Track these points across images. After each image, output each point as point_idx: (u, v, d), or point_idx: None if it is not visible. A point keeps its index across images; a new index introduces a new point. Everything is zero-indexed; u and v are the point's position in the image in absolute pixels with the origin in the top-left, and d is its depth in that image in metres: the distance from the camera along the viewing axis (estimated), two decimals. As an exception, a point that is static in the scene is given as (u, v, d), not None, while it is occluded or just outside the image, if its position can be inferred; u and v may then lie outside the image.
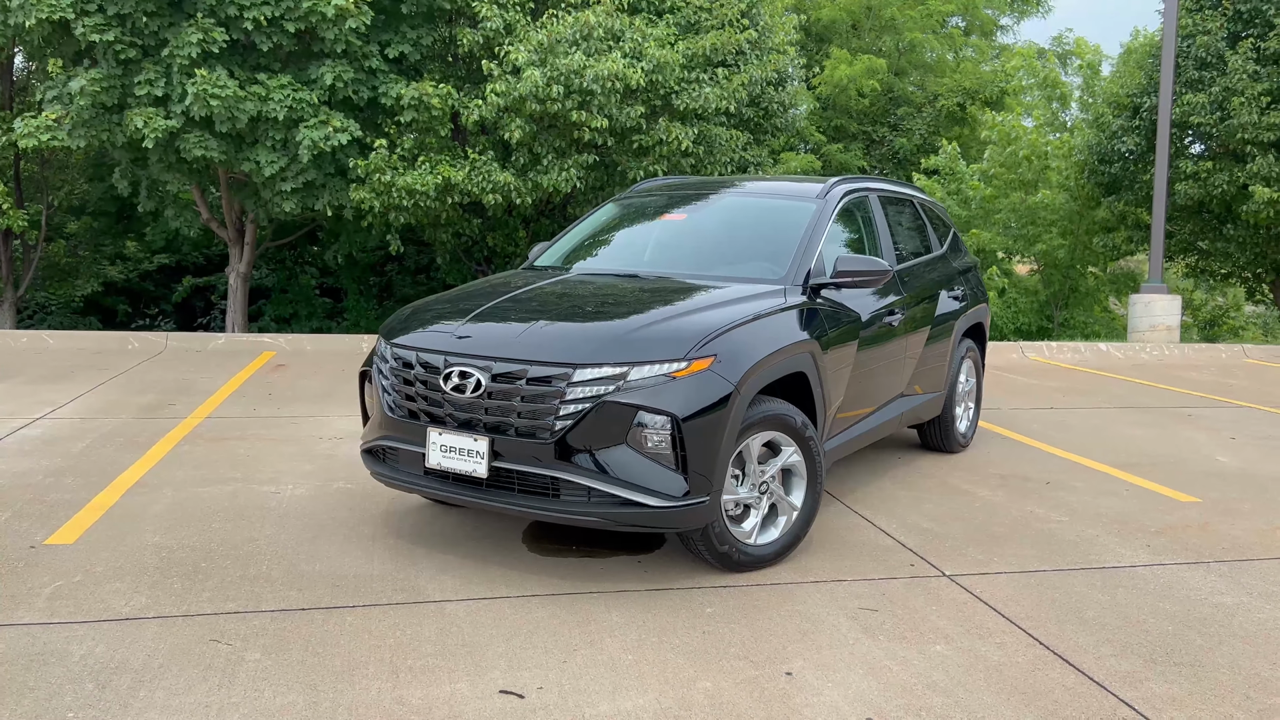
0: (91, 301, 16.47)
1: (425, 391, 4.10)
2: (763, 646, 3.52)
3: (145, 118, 9.98)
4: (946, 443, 6.47)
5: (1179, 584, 4.25)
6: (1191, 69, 14.67)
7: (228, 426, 6.93)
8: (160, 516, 4.85)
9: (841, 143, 23.56)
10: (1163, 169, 14.17)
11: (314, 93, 10.52)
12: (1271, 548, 4.79)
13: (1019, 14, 35.04)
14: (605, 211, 5.89)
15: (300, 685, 3.15)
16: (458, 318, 4.31)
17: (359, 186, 10.89)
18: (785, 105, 12.82)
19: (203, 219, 13.10)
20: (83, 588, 3.92)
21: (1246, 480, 6.15)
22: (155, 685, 3.12)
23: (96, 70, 10.08)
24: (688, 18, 11.66)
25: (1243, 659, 3.51)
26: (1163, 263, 14.70)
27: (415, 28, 10.99)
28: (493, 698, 3.10)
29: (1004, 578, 4.28)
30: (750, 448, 4.17)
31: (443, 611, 3.77)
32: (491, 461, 3.91)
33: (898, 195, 6.18)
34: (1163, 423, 8.02)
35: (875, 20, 24.63)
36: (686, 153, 11.18)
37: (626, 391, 3.81)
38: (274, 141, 10.69)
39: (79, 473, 5.61)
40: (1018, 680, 3.30)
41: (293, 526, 4.77)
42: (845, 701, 3.13)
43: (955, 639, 3.63)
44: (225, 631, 3.54)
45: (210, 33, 9.75)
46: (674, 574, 4.21)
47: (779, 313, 4.40)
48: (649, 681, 3.23)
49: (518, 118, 10.52)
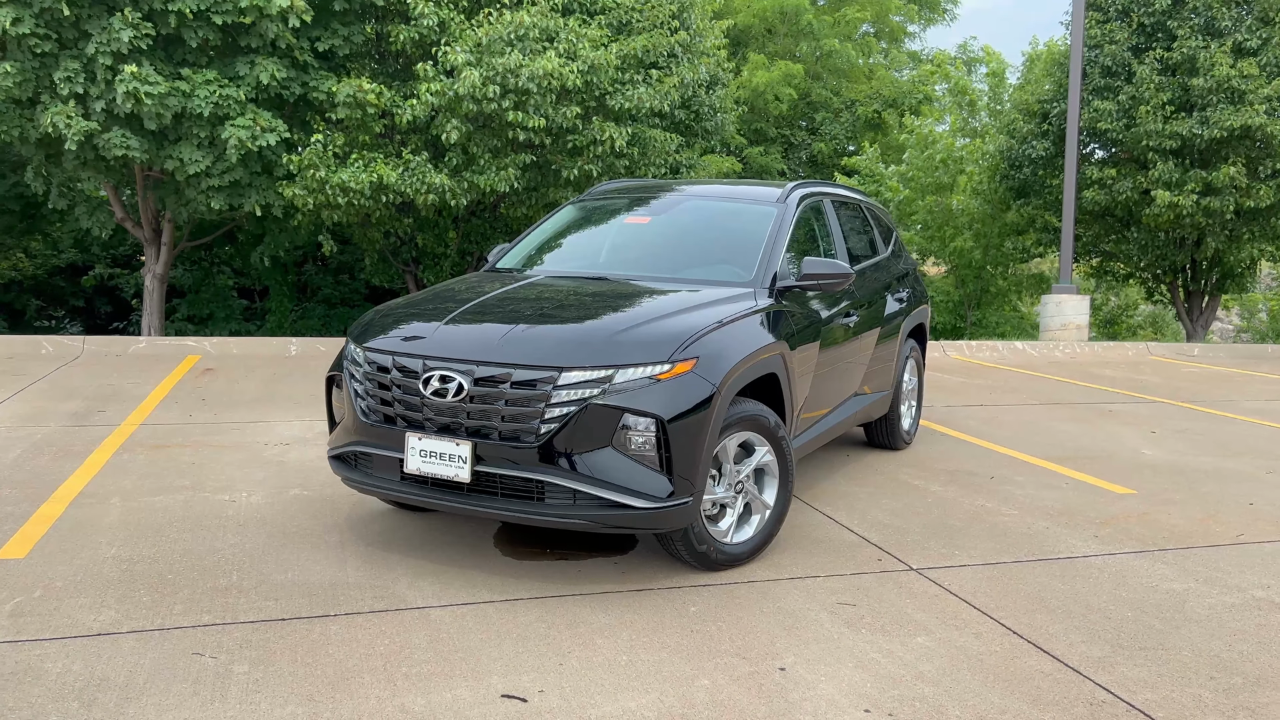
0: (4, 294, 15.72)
1: (403, 396, 4.06)
2: (752, 643, 3.59)
3: (65, 115, 9.56)
4: (892, 440, 6.65)
5: (1131, 572, 4.47)
6: (1099, 77, 15.32)
7: (166, 433, 6.71)
8: (114, 527, 4.68)
9: (761, 145, 23.90)
10: (1072, 174, 14.77)
11: (241, 89, 10.24)
12: (1208, 536, 5.06)
13: (925, 21, 36.10)
14: (565, 214, 5.89)
15: (296, 697, 3.09)
16: (434, 321, 4.27)
17: (290, 183, 10.63)
18: (715, 108, 12.97)
19: (117, 218, 12.61)
20: (45, 603, 3.77)
21: (1174, 472, 6.47)
22: (143, 701, 3.03)
23: (10, 63, 9.63)
24: (619, 18, 11.71)
25: (1201, 642, 3.71)
26: (1072, 264, 15.31)
27: (347, 24, 10.78)
28: (496, 702, 3.09)
29: (968, 570, 4.44)
30: (726, 448, 4.23)
31: (428, 618, 3.74)
32: (474, 466, 3.89)
33: (848, 199, 6.34)
34: (1088, 418, 8.38)
35: (791, 26, 25.05)
36: (621, 153, 11.22)
37: (612, 394, 3.83)
38: (199, 139, 10.36)
39: (15, 484, 5.37)
40: (999, 668, 3.44)
41: (255, 535, 4.65)
42: (841, 694, 3.21)
43: (934, 630, 3.75)
44: (206, 644, 3.45)
45: (139, 26, 9.40)
46: (652, 574, 4.25)
47: (751, 315, 4.47)
48: (649, 681, 3.26)
49: (453, 118, 10.41)
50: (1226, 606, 4.07)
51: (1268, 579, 4.42)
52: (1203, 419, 8.55)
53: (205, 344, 10.63)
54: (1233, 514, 5.48)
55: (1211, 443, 7.46)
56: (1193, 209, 14.18)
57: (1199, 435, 7.75)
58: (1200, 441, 7.50)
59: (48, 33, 9.53)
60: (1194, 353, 14.25)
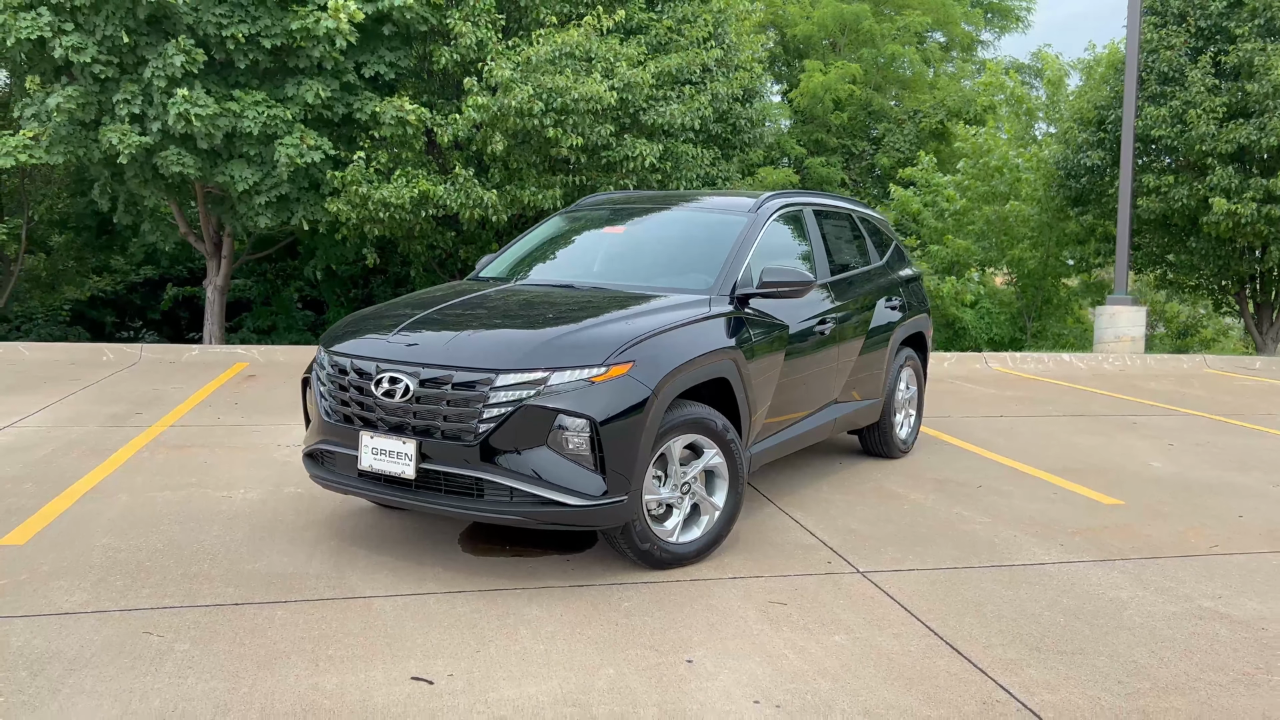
0: (78, 314, 16.65)
1: (359, 397, 4.29)
2: (670, 637, 3.70)
3: (120, 134, 10.17)
4: (886, 448, 6.66)
5: (1082, 580, 4.44)
6: (1155, 83, 14.95)
7: (191, 435, 7.10)
8: (113, 520, 5.02)
9: (821, 156, 23.84)
10: (1127, 182, 14.43)
11: (289, 109, 10.73)
12: (1181, 547, 4.99)
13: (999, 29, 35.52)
14: (552, 224, 6.09)
15: (223, 673, 3.32)
16: (391, 326, 4.50)
17: (335, 198, 11.09)
18: (754, 121, 13.07)
19: (181, 232, 13.28)
20: (27, 585, 4.09)
21: (1176, 484, 6.35)
22: (84, 673, 3.30)
23: (74, 87, 10.28)
24: (658, 37, 11.92)
25: (1124, 648, 3.70)
26: (1129, 275, 14.94)
27: (393, 49, 11.22)
28: (403, 684, 3.28)
29: (916, 574, 4.47)
30: (672, 450, 4.36)
31: (370, 607, 3.95)
32: (419, 463, 4.10)
33: (835, 209, 6.40)
34: (1108, 431, 8.23)
35: (852, 35, 24.95)
36: (653, 168, 11.40)
37: (547, 396, 4.00)
38: (249, 157, 10.89)
39: (37, 479, 5.77)
40: (906, 667, 3.49)
41: (240, 529, 4.94)
42: (736, 686, 3.31)
43: (855, 630, 3.81)
44: (159, 625, 3.71)
45: (192, 53, 9.95)
46: (599, 571, 4.39)
47: (701, 321, 4.59)
48: (555, 669, 3.41)
49: (497, 131, 10.74)
50: (1166, 615, 4.03)
51: (1221, 590, 4.35)
52: (1231, 433, 8.32)
53: (254, 352, 11.13)
54: (1217, 527, 5.38)
55: (1229, 457, 7.26)
56: (1253, 217, 13.72)
57: (1219, 449, 7.55)
58: (1217, 455, 7.31)
59: (109, 59, 10.15)
60: (1255, 366, 13.75)
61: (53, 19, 9.86)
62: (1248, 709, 3.24)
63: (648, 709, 3.15)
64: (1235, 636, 3.83)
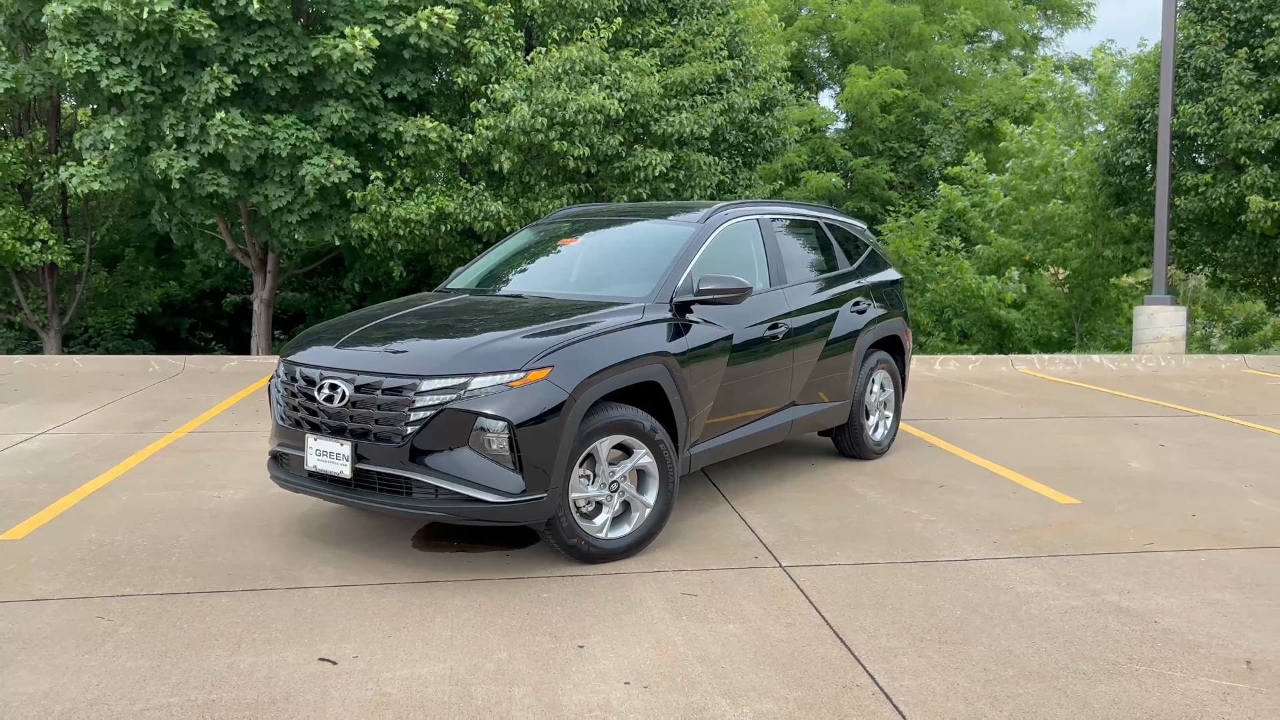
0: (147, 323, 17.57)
1: (305, 402, 4.64)
2: (573, 625, 3.95)
3: (168, 159, 10.82)
4: (859, 449, 6.79)
5: (997, 575, 4.55)
6: (1191, 80, 14.65)
7: (205, 440, 7.57)
8: (108, 517, 5.45)
9: (866, 158, 23.75)
10: (1164, 180, 14.18)
11: (317, 131, 11.27)
12: (1116, 544, 5.04)
13: (1061, 26, 34.85)
14: (521, 237, 6.40)
15: (152, 653, 3.67)
16: (337, 336, 4.85)
17: (359, 216, 11.60)
18: (774, 130, 13.21)
19: (229, 249, 13.97)
20: (12, 575, 4.51)
21: (1145, 484, 6.35)
22: (35, 651, 3.68)
23: (124, 117, 10.97)
24: (673, 49, 12.16)
25: (1006, 638, 3.82)
26: (1167, 273, 14.66)
27: (415, 70, 11.68)
28: (310, 664, 3.59)
29: (837, 569, 4.63)
30: (599, 449, 4.60)
31: (308, 596, 4.27)
32: (355, 463, 4.42)
33: (799, 218, 6.56)
34: (1104, 432, 8.19)
35: (902, 36, 24.80)
36: (666, 177, 11.65)
37: (468, 400, 4.28)
38: (280, 177, 11.46)
39: (54, 480, 6.27)
40: (784, 654, 3.68)
41: (219, 525, 5.33)
42: (616, 669, 3.54)
43: (752, 619, 4.01)
44: (112, 610, 4.09)
45: (224, 80, 10.56)
46: (533, 566, 4.65)
47: (631, 328, 4.83)
48: (453, 653, 3.69)
49: (506, 149, 11.12)
50: (1065, 609, 4.13)
51: (1134, 585, 4.42)
52: (1234, 433, 8.20)
53: (289, 363, 11.68)
54: (1165, 525, 5.40)
55: (1217, 457, 7.20)
56: (1294, 213, 13.35)
57: (1210, 449, 7.48)
58: (1206, 455, 7.25)
59: (151, 88, 10.81)
60: (1299, 365, 13.36)
61: (100, 54, 10.55)
62: (1098, 694, 3.35)
63: (523, 688, 3.40)
64: (1124, 629, 3.92)
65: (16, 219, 13.76)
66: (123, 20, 10.04)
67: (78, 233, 15.08)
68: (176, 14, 10.13)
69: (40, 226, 13.84)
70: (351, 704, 3.28)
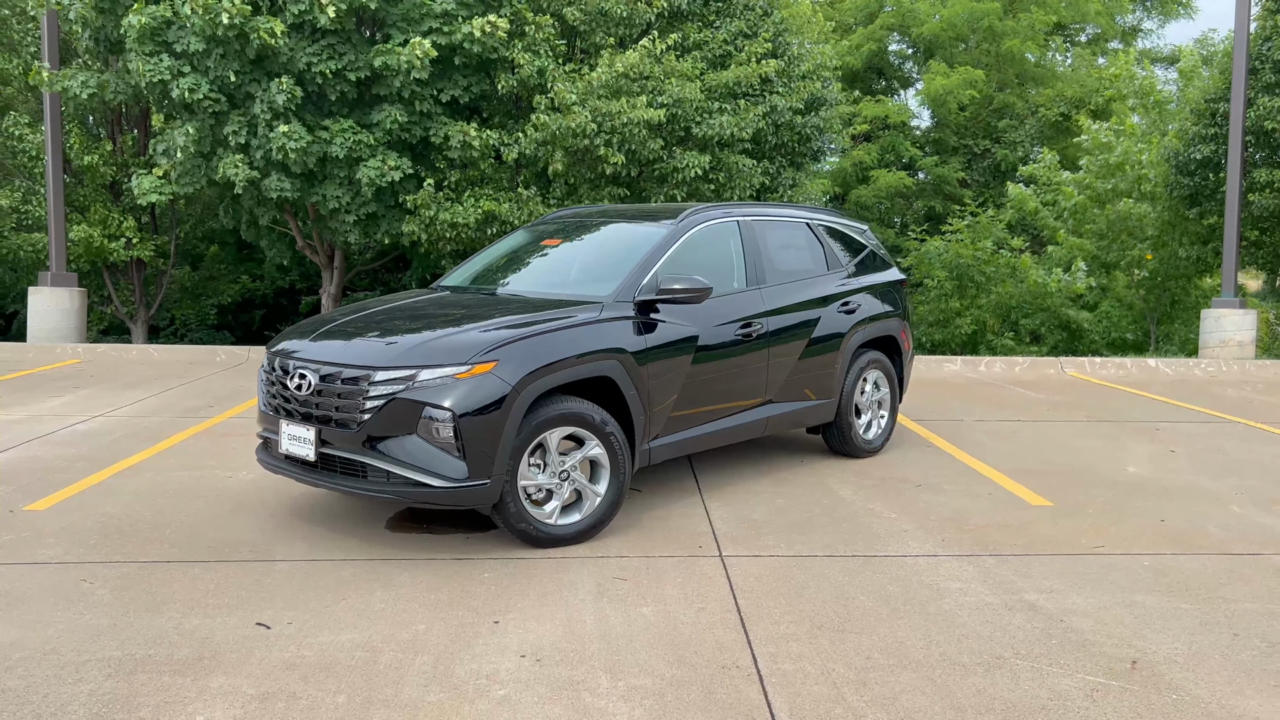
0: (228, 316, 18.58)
1: (281, 390, 5.03)
2: (498, 603, 4.22)
3: (234, 165, 11.52)
4: (847, 447, 6.88)
5: (928, 571, 4.65)
6: (1269, 73, 14.07)
7: (239, 425, 8.10)
8: (128, 493, 5.96)
9: (939, 156, 23.37)
10: (1235, 178, 13.69)
11: (373, 135, 11.82)
12: (1065, 546, 5.06)
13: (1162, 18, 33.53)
14: (514, 237, 6.71)
15: (115, 613, 4.08)
16: (313, 330, 5.23)
17: (410, 219, 12.11)
18: (820, 129, 13.23)
19: (298, 246, 14.68)
20: (25, 542, 5.02)
21: (1130, 488, 6.29)
22: (20, 608, 4.13)
23: (191, 125, 11.71)
24: (714, 51, 12.32)
25: (903, 630, 3.94)
26: (1236, 275, 14.14)
27: (467, 76, 12.12)
28: (247, 628, 3.95)
29: (773, 559, 4.80)
30: (549, 440, 4.87)
31: (272, 568, 4.65)
32: (319, 448, 4.79)
33: (786, 219, 6.69)
34: (1120, 436, 8.06)
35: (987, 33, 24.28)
36: (705, 179, 11.82)
37: (416, 390, 4.60)
38: (339, 179, 12.05)
39: (92, 459, 6.84)
40: (681, 637, 3.88)
41: (222, 503, 5.78)
42: (518, 643, 3.80)
43: (668, 603, 4.21)
44: (97, 575, 4.53)
45: (293, 91, 11.19)
46: (488, 549, 4.94)
47: (585, 325, 5.07)
48: (377, 623, 4.00)
49: (558, 150, 11.47)
50: (978, 605, 4.22)
51: (1060, 585, 4.46)
52: (1256, 440, 7.98)
53: (344, 355, 12.26)
54: (1126, 529, 5.38)
55: (1222, 464, 7.04)
56: (1374, 212, 12.72)
57: (1221, 456, 7.31)
58: (1211, 462, 7.10)
59: (219, 95, 11.51)
60: (1375, 372, 12.75)
61: (173, 63, 11.28)
62: (966, 685, 3.46)
63: (426, 657, 3.69)
64: (1027, 625, 3.99)
65: (106, 218, 14.76)
66: (199, 25, 10.72)
67: (164, 230, 16.06)
68: (252, 21, 10.76)
69: (127, 224, 14.80)
70: (267, 664, 3.62)
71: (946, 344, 17.83)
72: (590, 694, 3.40)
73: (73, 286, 14.11)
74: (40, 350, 12.76)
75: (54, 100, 13.64)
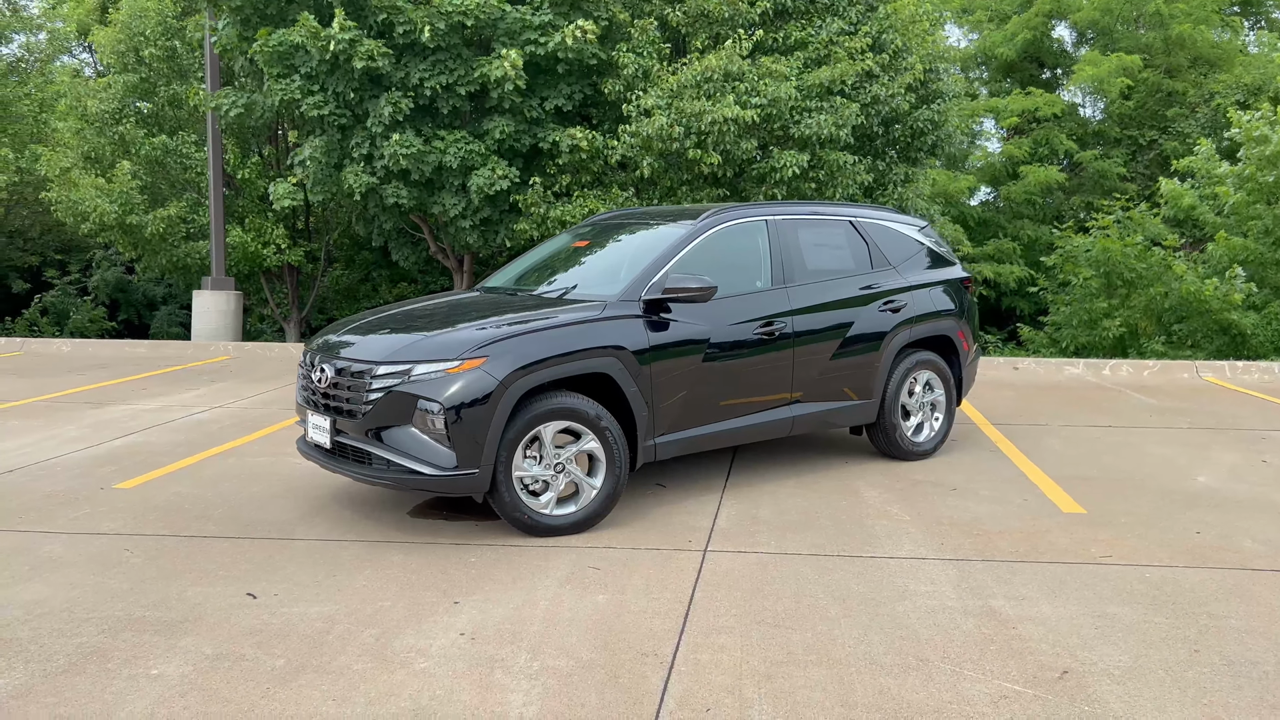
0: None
1: (308, 383, 5.46)
2: (466, 585, 4.47)
3: (354, 175, 12.37)
4: (892, 449, 6.75)
5: (904, 573, 4.56)
6: None
7: (332, 418, 8.71)
8: (204, 476, 6.58)
9: (1099, 149, 22.05)
10: None
11: (484, 144, 12.40)
12: (1068, 554, 4.84)
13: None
14: (556, 240, 6.96)
15: (134, 579, 4.58)
16: (341, 328, 5.64)
17: (522, 219, 12.62)
18: (935, 123, 12.84)
19: (430, 251, 15.52)
20: (99, 514, 5.65)
21: (1184, 500, 5.89)
22: (63, 570, 4.70)
23: (321, 138, 12.64)
24: (817, 52, 12.20)
25: (843, 629, 3.92)
26: None
27: (570, 84, 12.53)
28: (237, 598, 4.35)
29: (752, 556, 4.83)
30: (544, 433, 5.08)
31: (286, 546, 5.07)
32: (334, 436, 5.18)
33: (824, 218, 6.63)
34: (1210, 445, 7.51)
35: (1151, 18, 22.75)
36: (805, 177, 11.72)
37: (411, 384, 4.91)
38: (453, 187, 12.70)
39: (192, 444, 7.56)
40: (620, 623, 4.00)
41: (274, 486, 6.29)
42: (466, 623, 4.03)
43: (625, 593, 4.34)
44: (139, 546, 5.07)
45: (399, 104, 11.93)
46: (488, 536, 5.19)
47: (583, 323, 5.25)
48: (350, 598, 4.32)
49: (648, 154, 11.70)
50: (934, 608, 4.13)
51: (1034, 593, 4.30)
52: (1376, 452, 7.26)
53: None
54: (1150, 541, 5.07)
55: (1315, 475, 6.48)
56: None
57: (1319, 467, 6.72)
58: (1303, 473, 6.54)
59: (343, 111, 12.38)
60: None
61: (302, 83, 12.23)
62: (873, 685, 3.42)
63: (374, 630, 3.97)
64: (975, 631, 3.89)
65: (260, 226, 16.08)
66: (314, 51, 11.61)
67: (318, 237, 17.31)
68: (356, 45, 11.55)
69: (278, 233, 16.07)
70: (235, 629, 3.99)
71: (1093, 348, 16.89)
72: (503, 671, 3.58)
73: (230, 290, 15.45)
74: (198, 347, 14.05)
75: (213, 119, 14.98)
